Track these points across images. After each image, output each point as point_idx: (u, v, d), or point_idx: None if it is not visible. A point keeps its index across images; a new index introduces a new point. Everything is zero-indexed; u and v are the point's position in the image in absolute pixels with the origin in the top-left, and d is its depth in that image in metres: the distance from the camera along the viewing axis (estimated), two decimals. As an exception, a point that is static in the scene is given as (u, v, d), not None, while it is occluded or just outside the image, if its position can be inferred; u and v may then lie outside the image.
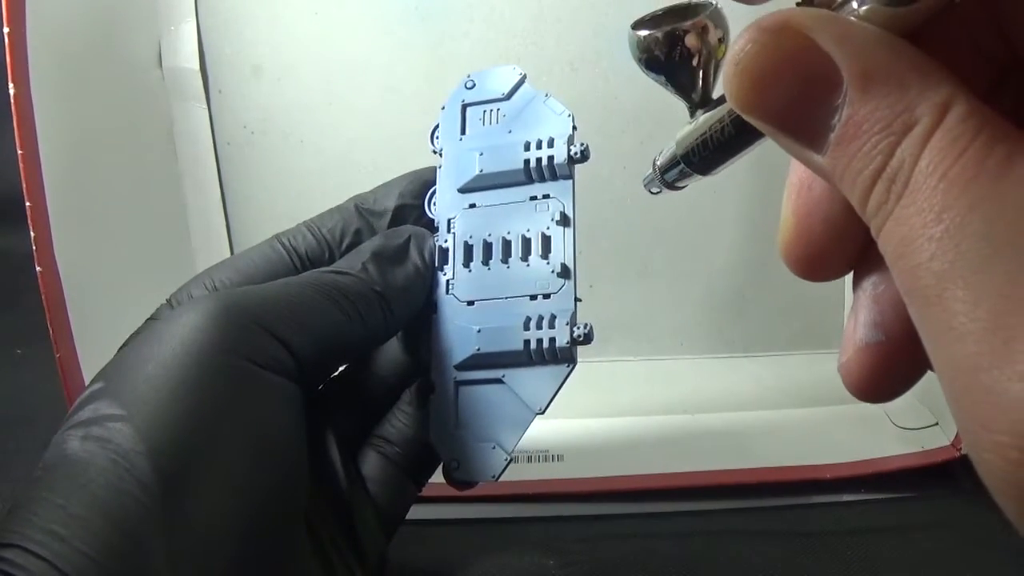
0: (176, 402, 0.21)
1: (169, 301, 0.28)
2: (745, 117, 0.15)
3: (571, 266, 0.28)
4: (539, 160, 0.29)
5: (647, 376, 0.50)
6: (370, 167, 0.49)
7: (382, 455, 0.29)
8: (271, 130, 0.50)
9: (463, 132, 0.30)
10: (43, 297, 0.36)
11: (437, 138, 0.30)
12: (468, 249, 0.29)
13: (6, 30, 0.35)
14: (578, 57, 0.48)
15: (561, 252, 0.28)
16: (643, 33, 0.17)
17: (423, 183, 0.30)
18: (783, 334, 0.51)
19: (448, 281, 0.29)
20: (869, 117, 0.13)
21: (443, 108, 0.31)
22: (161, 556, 0.20)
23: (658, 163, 0.20)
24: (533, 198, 0.29)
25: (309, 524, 0.25)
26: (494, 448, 0.28)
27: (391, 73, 0.49)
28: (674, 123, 0.52)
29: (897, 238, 0.13)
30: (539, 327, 0.27)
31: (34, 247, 0.36)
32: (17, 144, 0.35)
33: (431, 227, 0.30)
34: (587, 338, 0.27)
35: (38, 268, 0.36)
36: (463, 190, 0.29)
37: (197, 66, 0.48)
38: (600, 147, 0.49)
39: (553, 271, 0.28)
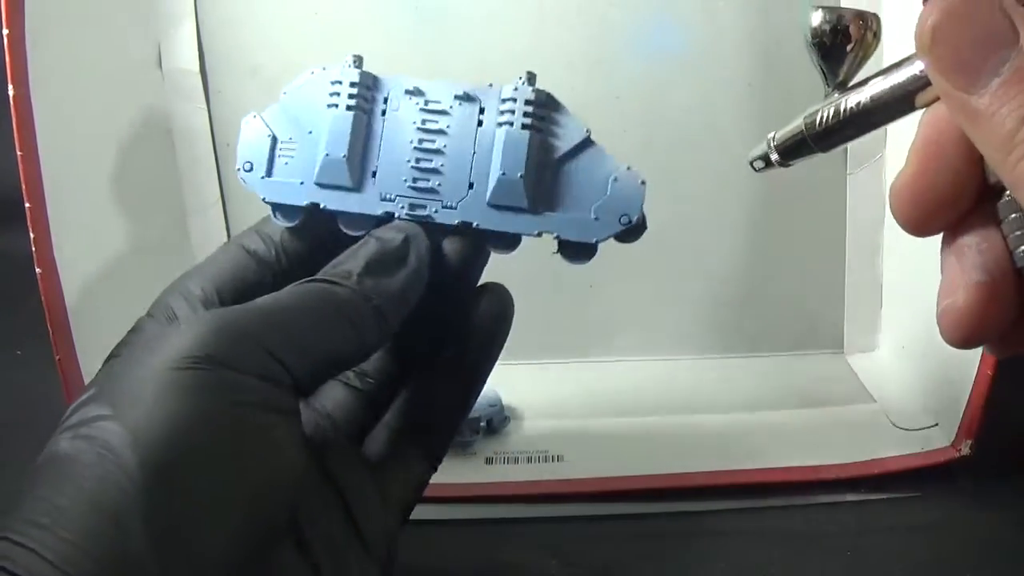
0: (164, 402, 0.22)
1: (149, 313, 0.28)
2: (924, 55, 0.18)
3: (461, 87, 0.30)
4: (352, 96, 0.30)
5: (647, 376, 0.50)
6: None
7: (392, 431, 0.29)
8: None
9: (269, 174, 0.30)
10: (43, 298, 0.36)
11: (293, 214, 0.30)
12: (415, 182, 0.29)
13: (6, 31, 0.35)
14: (578, 57, 0.48)
15: (444, 95, 0.30)
16: (821, 10, 0.21)
17: None
18: (783, 334, 0.51)
19: (443, 206, 0.30)
20: None
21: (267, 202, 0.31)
22: (145, 541, 0.20)
23: (776, 136, 0.23)
24: (384, 114, 0.30)
25: (304, 522, 0.25)
26: (614, 179, 0.29)
27: (390, 72, 0.49)
28: (674, 124, 0.52)
29: None
30: (505, 114, 0.29)
31: (33, 248, 0.36)
32: (17, 144, 0.35)
33: None
34: (531, 76, 0.29)
35: (38, 269, 0.36)
36: (358, 184, 0.30)
37: (197, 67, 0.48)
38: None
39: (459, 105, 0.30)
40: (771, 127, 0.55)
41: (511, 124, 0.29)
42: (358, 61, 0.30)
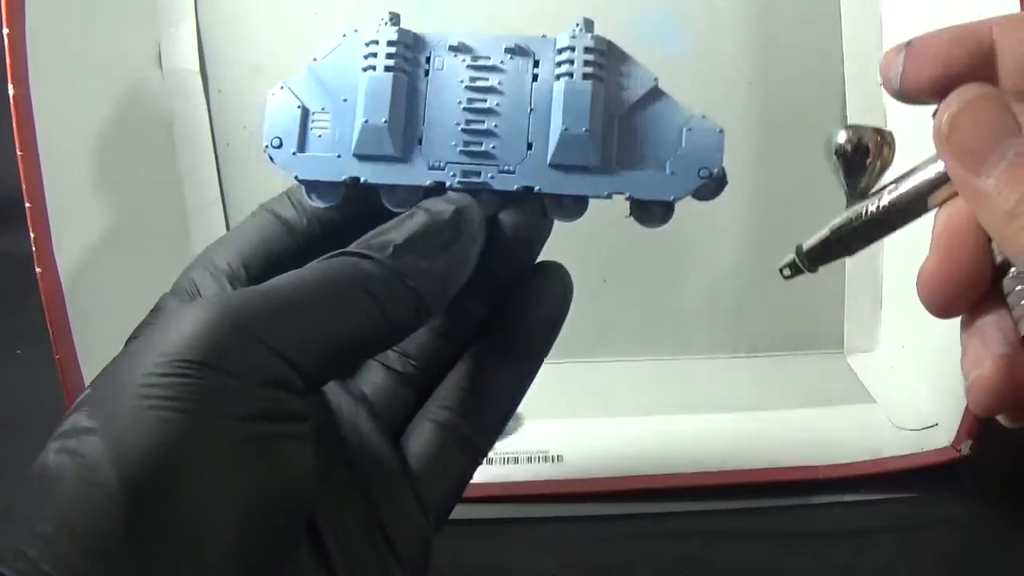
0: (147, 416, 0.20)
1: (173, 290, 0.26)
2: (941, 143, 0.21)
3: (513, 40, 0.27)
4: (388, 55, 0.27)
5: (647, 376, 0.50)
6: (370, 167, 0.49)
7: (432, 423, 0.26)
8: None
9: (302, 149, 0.27)
10: (43, 297, 0.36)
11: (322, 192, 0.27)
12: (468, 146, 0.26)
13: (6, 31, 0.35)
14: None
15: (495, 50, 0.27)
16: (844, 132, 0.23)
17: None
18: (784, 334, 0.51)
19: (500, 170, 0.26)
20: None
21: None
22: (131, 569, 0.19)
23: (804, 245, 0.25)
24: (427, 74, 0.27)
25: (322, 522, 0.23)
26: (689, 129, 0.27)
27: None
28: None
29: None
30: (563, 65, 0.27)
31: (34, 248, 0.36)
32: (17, 144, 0.35)
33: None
34: (588, 22, 0.27)
35: (38, 269, 0.36)
36: (405, 152, 0.27)
37: (197, 66, 0.48)
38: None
39: (509, 59, 0.27)
40: (771, 125, 0.55)
41: (570, 75, 0.27)
42: (395, 19, 0.28)
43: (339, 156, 0.27)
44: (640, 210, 0.27)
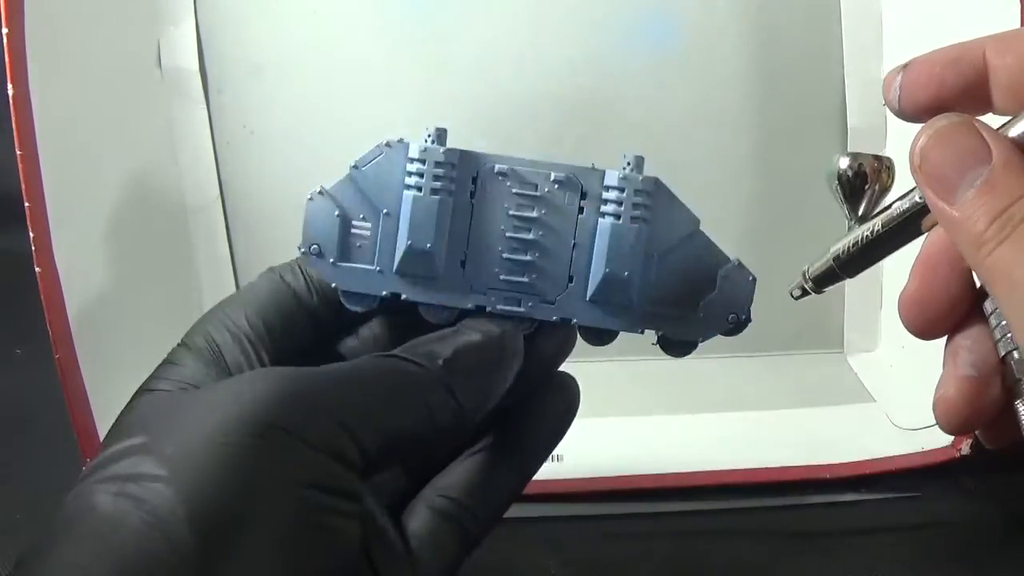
0: (226, 473, 0.20)
1: (185, 343, 0.26)
2: (915, 173, 0.22)
3: (558, 172, 0.27)
4: (436, 177, 0.26)
5: (647, 376, 0.50)
6: (370, 167, 0.49)
7: (433, 510, 0.27)
8: (271, 129, 0.50)
9: (343, 258, 0.27)
10: (42, 297, 0.36)
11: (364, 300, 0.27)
12: (510, 275, 0.27)
13: (5, 30, 0.35)
14: (578, 57, 0.48)
15: (542, 181, 0.27)
16: (845, 159, 0.24)
17: None
18: (783, 334, 0.51)
19: (542, 301, 0.27)
20: (1004, 182, 0.20)
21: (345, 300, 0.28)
22: None
23: (809, 270, 0.26)
24: (473, 197, 0.27)
25: None
26: (722, 275, 0.27)
27: (391, 72, 0.49)
28: (674, 123, 0.52)
29: (1006, 256, 0.20)
30: (611, 204, 0.26)
31: (33, 247, 0.36)
32: (16, 144, 0.35)
33: None
34: (638, 161, 0.27)
35: (37, 268, 0.36)
36: (447, 272, 0.27)
37: (196, 66, 0.48)
38: (601, 147, 0.49)
39: (557, 190, 0.27)
40: (771, 125, 0.55)
41: (617, 217, 0.26)
42: (441, 136, 0.27)
43: (380, 271, 0.27)
44: (667, 343, 0.28)
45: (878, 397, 0.47)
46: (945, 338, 0.25)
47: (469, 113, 0.49)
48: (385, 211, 0.27)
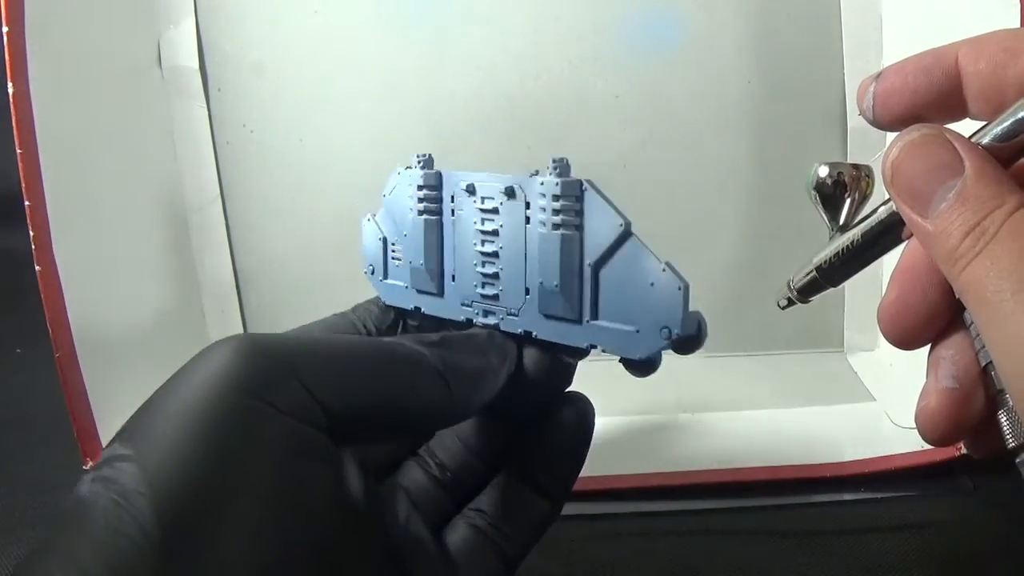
0: (186, 443, 0.20)
1: None
2: (888, 187, 0.21)
3: (504, 180, 0.27)
4: (419, 199, 0.29)
5: (647, 376, 0.50)
6: (370, 166, 0.49)
7: (472, 526, 0.28)
8: (271, 129, 0.50)
9: (385, 276, 0.31)
10: (43, 297, 0.36)
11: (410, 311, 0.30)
12: (484, 287, 0.28)
13: (5, 30, 0.35)
14: (578, 56, 0.48)
15: (493, 191, 0.27)
16: (824, 167, 0.24)
17: None
18: (783, 334, 0.51)
19: (508, 313, 0.28)
20: (977, 194, 0.20)
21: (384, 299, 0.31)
22: None
23: (794, 280, 0.26)
24: (452, 214, 0.28)
25: None
26: (652, 284, 0.25)
27: (391, 72, 0.49)
28: (674, 123, 0.52)
29: (980, 270, 0.19)
30: (543, 211, 0.26)
31: (33, 247, 0.36)
32: (17, 144, 0.35)
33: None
34: (559, 164, 0.26)
35: (37, 268, 0.36)
36: (440, 289, 0.29)
37: (196, 65, 0.48)
38: (600, 147, 0.49)
39: (504, 201, 0.27)
40: (771, 125, 0.55)
41: (542, 224, 0.26)
42: (423, 160, 0.29)
43: (407, 287, 0.30)
44: (625, 362, 0.27)
45: (878, 397, 0.47)
46: (928, 347, 0.25)
47: (468, 113, 0.49)
48: (405, 233, 0.30)
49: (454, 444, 0.29)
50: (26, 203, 0.36)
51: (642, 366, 0.27)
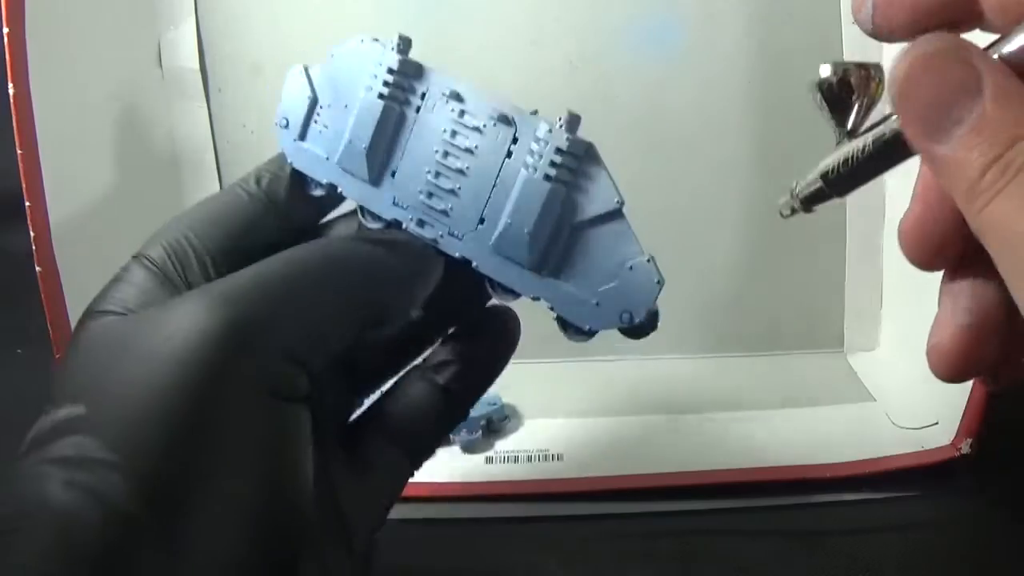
0: (173, 445, 0.19)
1: (137, 256, 0.26)
2: (896, 106, 0.19)
3: (503, 109, 0.26)
4: (386, 83, 0.27)
5: (647, 376, 0.50)
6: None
7: (378, 432, 0.27)
8: (271, 129, 0.49)
9: (323, 155, 0.28)
10: (43, 297, 0.36)
11: (313, 185, 0.29)
12: (429, 198, 0.27)
13: (6, 30, 0.35)
14: (578, 57, 0.48)
15: (482, 112, 0.26)
16: (828, 67, 0.22)
17: None
18: (783, 334, 0.51)
19: (450, 232, 0.27)
20: (999, 119, 0.17)
21: (287, 162, 0.29)
22: None
23: (797, 186, 0.24)
24: (418, 111, 0.27)
25: None
26: (630, 268, 0.25)
27: (391, 72, 0.49)
28: (673, 123, 0.52)
29: (1004, 209, 0.17)
30: (533, 156, 0.25)
31: (34, 247, 0.36)
32: (17, 144, 0.35)
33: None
34: (572, 120, 0.25)
35: (38, 268, 0.36)
36: (375, 179, 0.27)
37: (197, 65, 0.48)
38: (600, 147, 0.49)
39: (494, 125, 0.26)
40: (770, 125, 0.55)
41: (534, 169, 0.25)
42: (403, 44, 0.27)
43: (327, 158, 0.28)
44: (563, 323, 0.27)
45: (878, 397, 0.47)
46: (942, 276, 0.23)
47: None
48: (345, 104, 0.27)
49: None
50: (27, 204, 0.36)
51: (582, 334, 0.27)
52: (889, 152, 0.21)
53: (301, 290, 0.22)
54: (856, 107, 0.22)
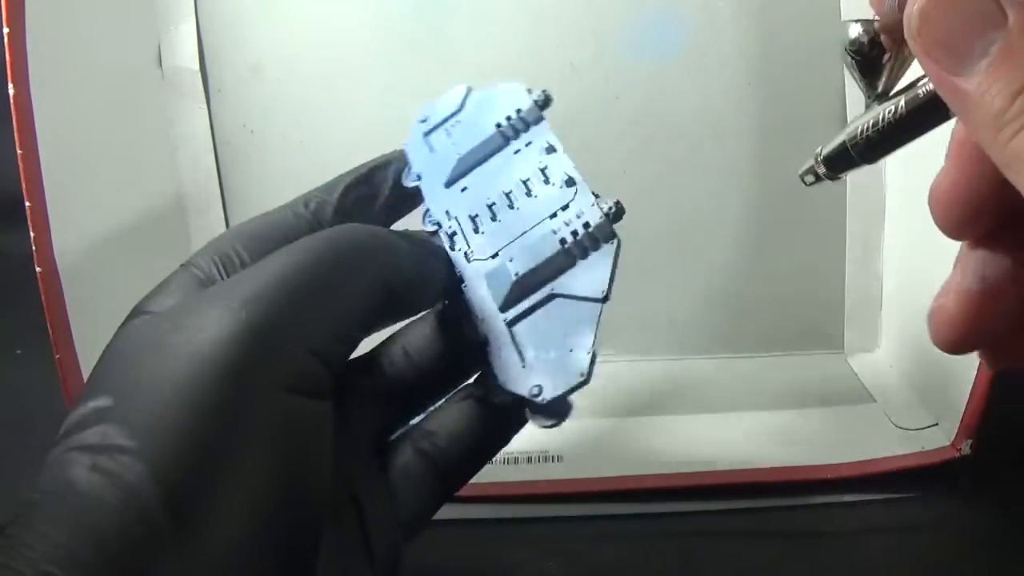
0: (194, 437, 0.19)
1: (185, 265, 0.26)
2: (912, 40, 0.18)
3: (575, 175, 0.27)
4: (508, 118, 0.29)
5: (647, 376, 0.50)
6: (370, 167, 0.49)
7: (418, 450, 0.27)
8: (271, 130, 0.50)
9: (431, 151, 0.30)
10: (43, 297, 0.36)
11: (409, 174, 0.30)
12: (474, 218, 0.28)
13: (6, 30, 0.35)
14: (578, 57, 0.48)
15: (561, 169, 0.28)
16: (858, 23, 0.21)
17: (370, 169, 0.30)
18: (783, 334, 0.51)
19: (465, 253, 0.28)
20: None
21: (404, 147, 0.31)
22: None
23: (823, 151, 0.23)
24: (517, 152, 0.29)
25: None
26: (571, 351, 0.25)
27: (391, 73, 0.49)
28: (673, 123, 0.52)
29: None
30: (568, 223, 0.26)
31: (33, 247, 0.36)
32: (17, 144, 0.35)
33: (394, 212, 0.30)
34: (619, 209, 0.26)
35: (38, 268, 0.36)
36: (450, 183, 0.29)
37: (197, 66, 0.48)
38: (600, 148, 0.49)
39: (561, 186, 0.27)
40: (771, 126, 0.55)
41: (557, 230, 0.26)
42: (544, 101, 0.30)
43: (431, 153, 0.30)
44: (488, 387, 0.27)
45: (878, 397, 0.47)
46: (961, 247, 0.22)
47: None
48: (475, 125, 0.30)
49: (400, 356, 0.28)
50: (26, 204, 0.36)
51: (498, 406, 0.27)
52: (922, 115, 0.20)
53: (323, 282, 0.23)
54: (888, 68, 0.21)
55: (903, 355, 0.49)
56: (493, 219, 0.28)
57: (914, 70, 0.20)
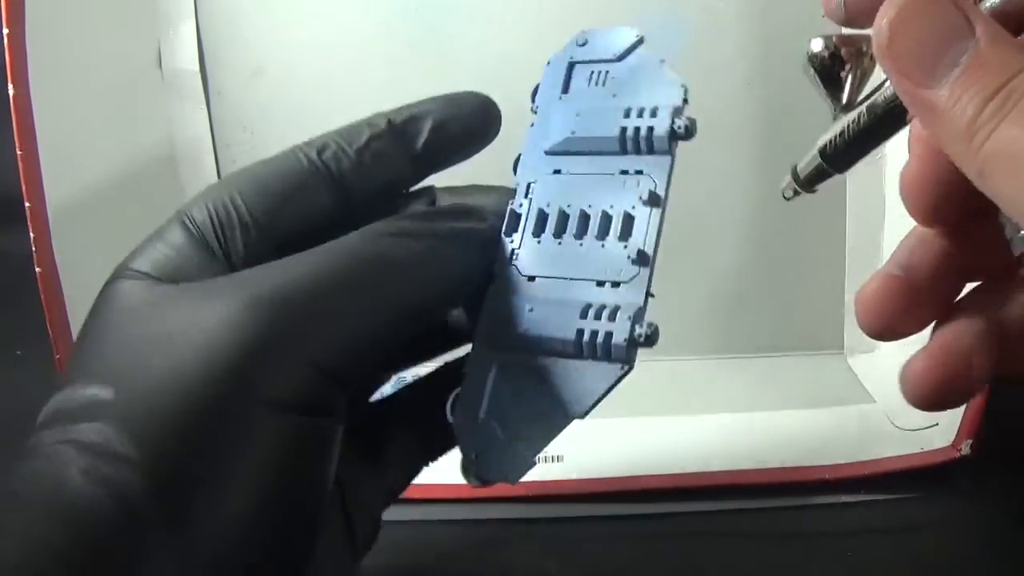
0: (196, 452, 0.19)
1: (178, 215, 0.24)
2: (882, 55, 0.18)
3: (650, 254, 0.25)
4: (637, 129, 0.26)
5: (647, 376, 0.49)
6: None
7: (398, 417, 0.27)
8: (271, 132, 0.50)
9: (564, 91, 0.27)
10: (42, 298, 0.36)
11: (536, 95, 0.28)
12: (542, 218, 0.25)
13: (6, 31, 0.35)
14: (578, 58, 0.48)
15: (643, 236, 0.25)
16: (819, 41, 0.21)
17: (460, 106, 0.27)
18: (783, 335, 0.51)
19: (513, 250, 0.25)
20: (995, 56, 0.17)
21: (548, 63, 0.28)
22: None
23: (798, 166, 0.24)
24: (624, 172, 0.25)
25: None
26: (519, 449, 0.24)
27: (392, 74, 0.49)
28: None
29: (1011, 133, 0.16)
30: (598, 317, 0.24)
31: (33, 248, 0.36)
32: (17, 144, 0.35)
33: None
34: (649, 339, 0.24)
35: (37, 268, 0.36)
36: (551, 152, 0.27)
37: (197, 67, 0.48)
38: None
39: (629, 256, 0.24)
40: (771, 127, 0.55)
41: (583, 311, 0.24)
42: (683, 130, 0.27)
43: (549, 124, 0.28)
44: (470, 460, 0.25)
45: (878, 398, 0.47)
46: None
47: (469, 114, 0.49)
48: (577, 112, 0.27)
49: None
50: (26, 204, 0.36)
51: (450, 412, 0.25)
52: (884, 120, 0.21)
53: (343, 297, 0.21)
54: (850, 80, 0.21)
55: (903, 356, 0.48)
56: (556, 236, 0.25)
57: (877, 79, 0.21)
